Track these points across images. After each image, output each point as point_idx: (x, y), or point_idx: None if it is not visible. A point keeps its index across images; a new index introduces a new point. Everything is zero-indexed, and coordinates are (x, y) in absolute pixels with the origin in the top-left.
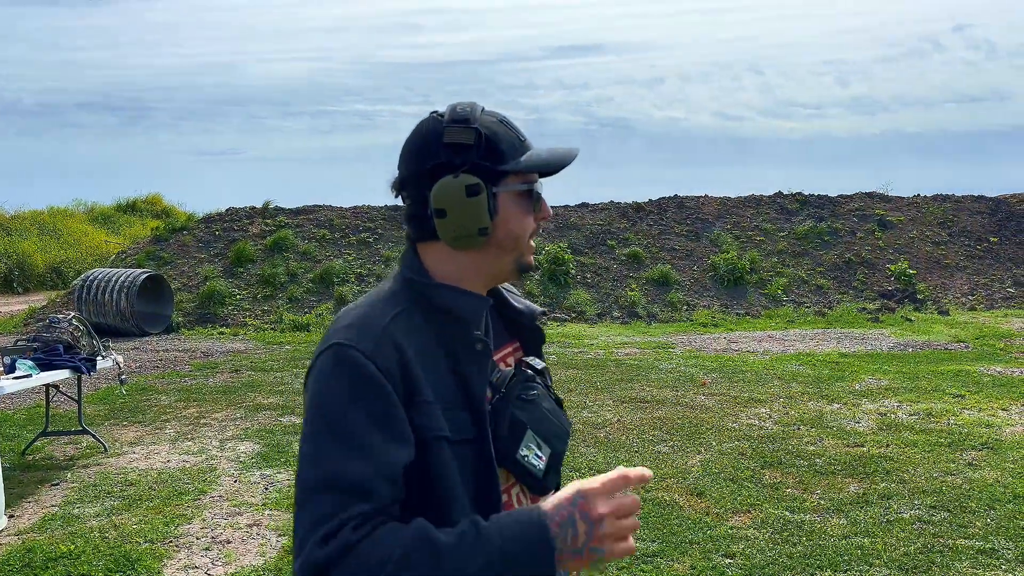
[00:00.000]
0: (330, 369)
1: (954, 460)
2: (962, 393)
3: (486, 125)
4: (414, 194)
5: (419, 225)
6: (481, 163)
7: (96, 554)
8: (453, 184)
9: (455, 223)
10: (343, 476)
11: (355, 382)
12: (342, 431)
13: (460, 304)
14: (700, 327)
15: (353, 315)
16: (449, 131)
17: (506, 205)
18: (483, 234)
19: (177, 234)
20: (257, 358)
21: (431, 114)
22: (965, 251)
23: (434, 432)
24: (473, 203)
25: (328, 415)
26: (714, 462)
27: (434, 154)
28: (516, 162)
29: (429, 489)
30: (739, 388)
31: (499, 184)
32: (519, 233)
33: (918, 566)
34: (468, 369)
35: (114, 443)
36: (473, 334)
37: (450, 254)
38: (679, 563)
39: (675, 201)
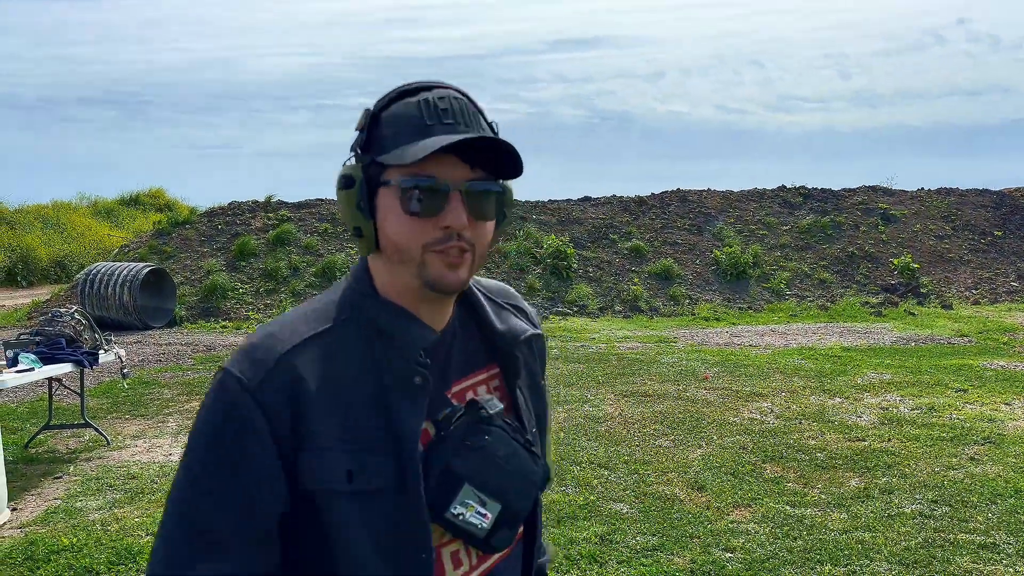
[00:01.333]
0: (209, 397)
1: (956, 455)
2: (965, 387)
3: (394, 109)
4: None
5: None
6: (363, 155)
7: (98, 547)
8: (341, 177)
9: (341, 218)
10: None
11: (223, 420)
12: (201, 472)
13: (398, 328)
14: (702, 321)
15: (261, 333)
16: (361, 120)
17: (385, 204)
18: (358, 235)
19: (180, 228)
20: None
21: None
22: (969, 245)
23: (326, 484)
24: (344, 197)
25: (193, 449)
26: (715, 456)
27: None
28: (394, 152)
29: (323, 545)
30: (741, 382)
31: (380, 178)
32: (398, 241)
33: (919, 560)
34: (399, 404)
35: (116, 436)
36: (412, 364)
37: (375, 261)
38: (679, 557)
39: (677, 195)
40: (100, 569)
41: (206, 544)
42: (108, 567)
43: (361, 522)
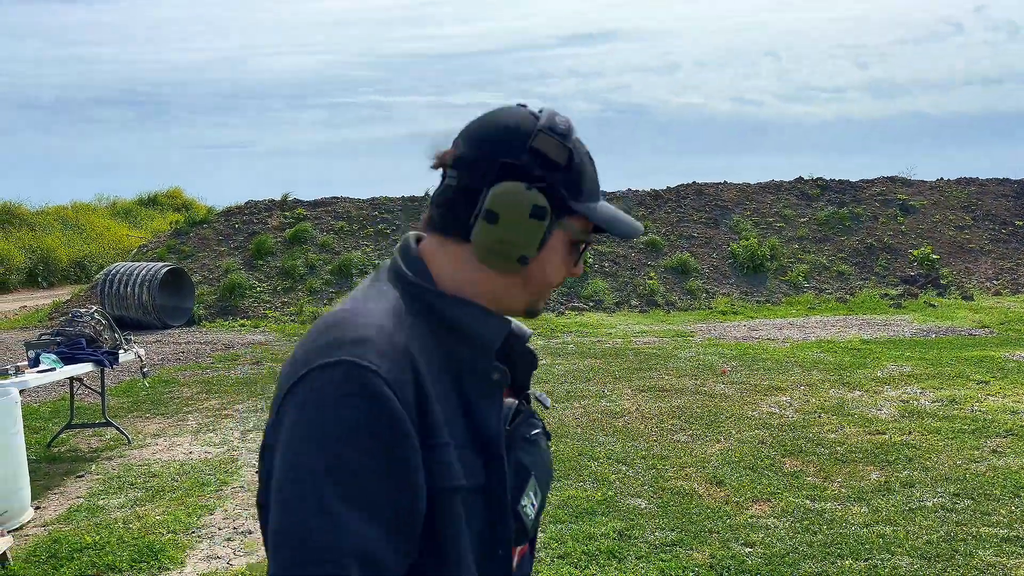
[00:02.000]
0: (338, 394)
1: (978, 447)
2: (986, 379)
3: (579, 152)
4: (469, 180)
5: (455, 215)
6: (558, 189)
7: (120, 545)
8: (522, 195)
9: (500, 236)
10: (351, 544)
11: (372, 417)
12: (354, 481)
13: (478, 326)
14: (720, 315)
15: (358, 323)
16: (541, 137)
17: (555, 245)
18: (521, 263)
19: (197, 227)
20: (278, 349)
21: (519, 106)
22: (989, 235)
23: (450, 481)
24: (531, 226)
25: (335, 457)
26: (734, 451)
27: (514, 152)
28: (590, 207)
29: (430, 544)
30: (759, 376)
31: (561, 220)
32: (551, 279)
33: (941, 554)
34: (480, 403)
35: (137, 435)
36: (490, 362)
37: (468, 262)
38: (699, 552)
39: (693, 188)
40: (123, 567)
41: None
42: (130, 564)
43: (466, 520)
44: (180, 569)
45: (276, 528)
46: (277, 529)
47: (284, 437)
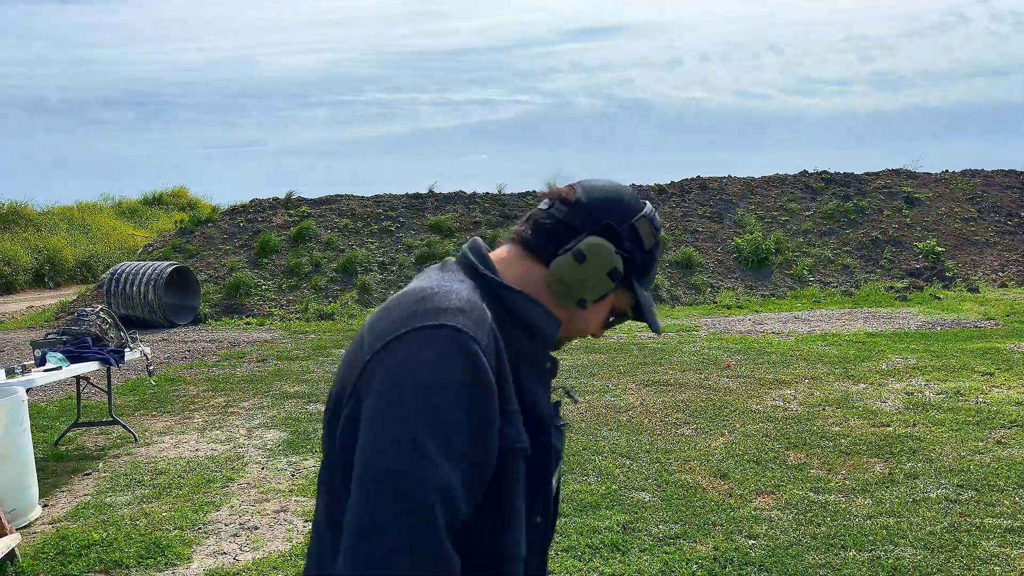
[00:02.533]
0: (440, 352)
1: (982, 439)
2: (991, 371)
3: (658, 249)
4: (576, 221)
5: (545, 241)
6: (634, 265)
7: (127, 541)
8: (611, 254)
9: (577, 276)
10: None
11: (471, 378)
12: (445, 430)
13: (539, 319)
14: (724, 309)
15: (452, 296)
16: (642, 221)
17: (604, 304)
18: (579, 305)
19: (202, 226)
20: (283, 347)
21: (632, 188)
22: (995, 227)
23: (517, 442)
24: (604, 280)
25: (432, 405)
26: (738, 444)
27: (620, 220)
28: (644, 293)
29: (496, 501)
30: (764, 370)
31: (622, 289)
32: (587, 328)
33: (944, 545)
34: (534, 386)
35: (144, 433)
36: (546, 352)
37: (536, 282)
38: (702, 544)
39: (697, 183)
40: (130, 563)
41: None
42: (137, 561)
43: (521, 479)
44: (187, 565)
45: (368, 466)
46: (369, 467)
47: (381, 384)
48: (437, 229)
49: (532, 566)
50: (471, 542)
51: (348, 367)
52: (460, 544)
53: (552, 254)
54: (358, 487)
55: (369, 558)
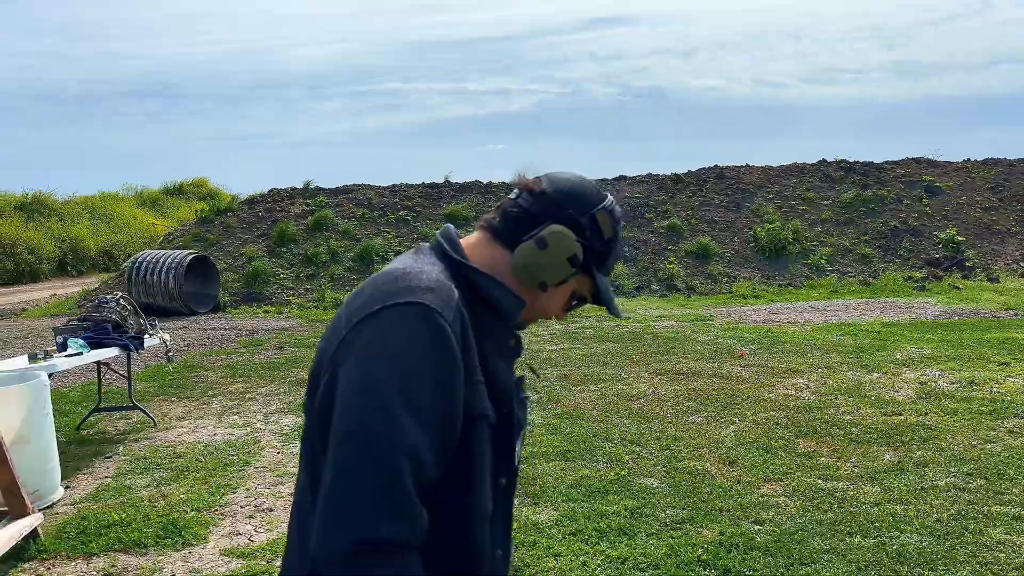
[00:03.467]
0: (410, 326)
1: (995, 428)
2: (1007, 361)
3: (619, 236)
4: (539, 211)
5: (512, 229)
6: (592, 254)
7: (146, 522)
8: (571, 241)
9: (539, 262)
10: (407, 445)
11: (438, 350)
12: (413, 397)
13: (504, 300)
14: (740, 299)
15: (423, 277)
16: (603, 213)
17: (564, 288)
18: (540, 287)
19: (222, 215)
20: (301, 335)
21: (595, 183)
22: (1016, 216)
23: (482, 410)
24: (564, 266)
25: (403, 374)
26: (748, 432)
27: (580, 210)
28: (603, 279)
29: (463, 464)
30: (777, 359)
31: (580, 275)
32: (548, 309)
33: (950, 532)
34: (498, 361)
35: (163, 418)
36: (509, 330)
37: (502, 264)
38: (708, 529)
39: (715, 172)
40: (148, 543)
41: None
42: (156, 541)
43: (487, 444)
44: (203, 545)
45: (343, 427)
46: (344, 428)
47: (357, 354)
48: (453, 219)
49: (498, 522)
50: (441, 501)
51: (327, 340)
52: (431, 502)
53: (517, 241)
54: (334, 449)
55: (342, 511)
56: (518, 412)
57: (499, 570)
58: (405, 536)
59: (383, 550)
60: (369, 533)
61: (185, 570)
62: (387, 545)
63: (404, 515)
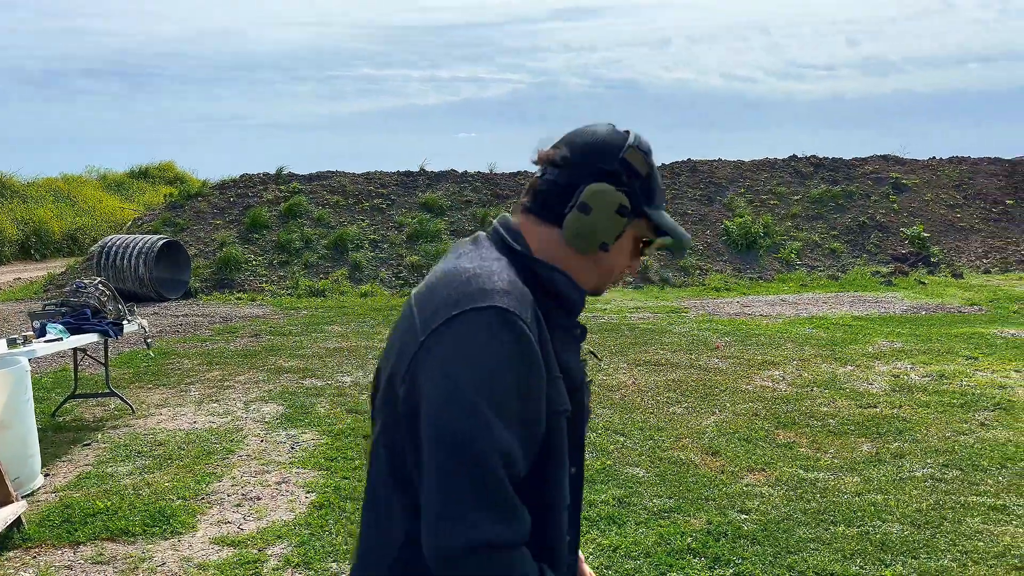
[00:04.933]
0: (491, 331)
1: (966, 420)
2: (975, 355)
3: (655, 167)
4: (568, 178)
5: (551, 203)
6: (637, 194)
7: (132, 510)
8: (612, 194)
9: (589, 225)
10: (499, 446)
11: (519, 353)
12: (501, 400)
13: (569, 292)
14: (713, 292)
15: (495, 277)
16: (631, 152)
17: (626, 239)
18: (602, 248)
19: (192, 200)
20: (276, 323)
21: (610, 125)
22: (980, 214)
23: (562, 406)
24: (615, 219)
25: (487, 379)
26: (728, 423)
27: (608, 160)
28: (658, 213)
29: (545, 457)
30: (752, 351)
31: (635, 219)
32: (619, 267)
33: (929, 522)
34: (566, 352)
35: (141, 405)
36: (575, 320)
37: (556, 242)
38: (695, 518)
39: (688, 165)
40: (136, 531)
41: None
42: (143, 529)
43: (565, 437)
44: (192, 533)
45: (436, 433)
46: (438, 434)
47: (440, 361)
48: (428, 207)
49: (571, 511)
50: (525, 496)
51: (401, 344)
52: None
53: (561, 214)
54: (431, 455)
55: (452, 513)
56: (586, 399)
57: (567, 556)
58: (513, 537)
59: (493, 550)
60: (480, 535)
61: (175, 558)
62: (497, 546)
63: (511, 516)
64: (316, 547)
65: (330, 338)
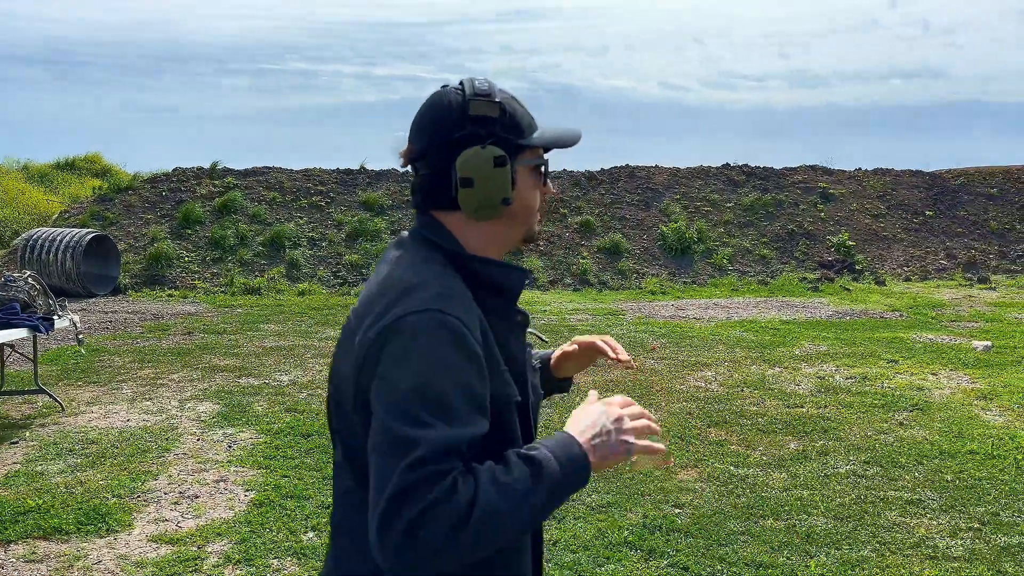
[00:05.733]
0: (429, 335)
1: (886, 420)
2: (896, 358)
3: (506, 100)
4: (435, 164)
5: (437, 194)
6: (505, 136)
7: (65, 508)
8: (481, 155)
9: (481, 193)
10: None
11: (457, 352)
12: (443, 399)
13: (507, 279)
14: (649, 295)
15: (431, 282)
16: (474, 104)
17: (523, 178)
18: (505, 204)
19: (122, 194)
20: (209, 321)
21: (445, 87)
22: (902, 224)
23: (512, 396)
24: (499, 174)
25: (429, 381)
26: (663, 421)
27: (459, 125)
28: (533, 138)
29: (500, 444)
30: (686, 353)
31: (516, 158)
32: (533, 204)
33: (852, 515)
34: (510, 339)
35: (71, 403)
36: (515, 307)
37: (470, 224)
38: (632, 513)
39: (626, 171)
40: (70, 529)
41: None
42: (77, 527)
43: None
44: (128, 531)
45: (381, 439)
46: (383, 440)
47: (382, 372)
48: (369, 206)
49: None
50: None
51: (346, 361)
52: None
53: (452, 197)
54: (376, 452)
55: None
56: (533, 380)
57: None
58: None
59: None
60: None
61: (112, 556)
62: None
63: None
64: (257, 544)
65: (267, 337)
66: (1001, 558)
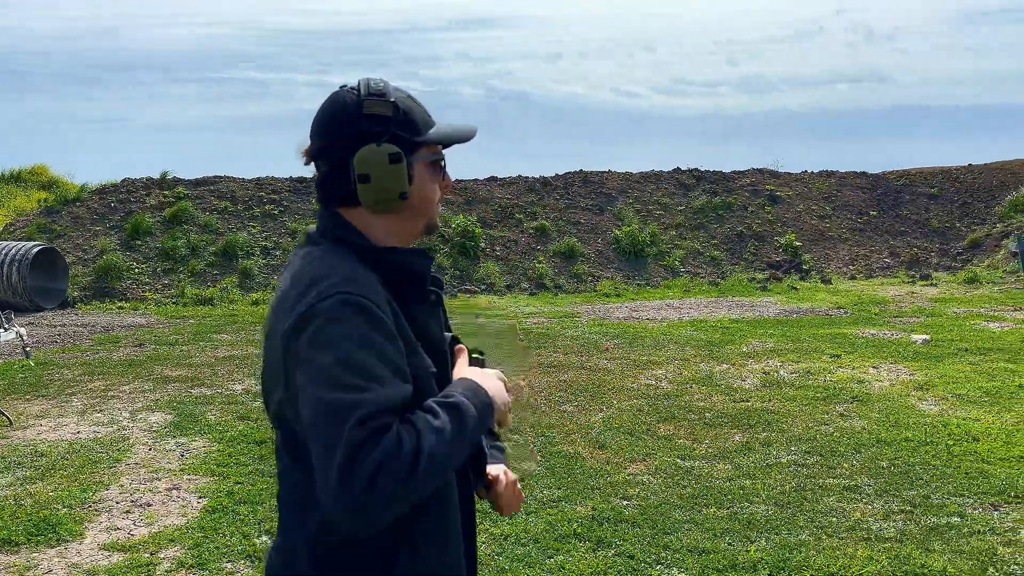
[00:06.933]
0: (340, 314)
1: (828, 412)
2: (838, 353)
3: (400, 99)
4: (333, 161)
5: (338, 190)
6: (399, 134)
7: (14, 520)
8: (377, 152)
9: (378, 188)
10: (368, 401)
11: (369, 326)
12: (365, 365)
13: (414, 263)
14: (604, 297)
15: (337, 271)
16: (368, 103)
17: (420, 173)
18: (403, 198)
19: (70, 206)
20: (161, 332)
21: (343, 87)
22: (847, 224)
23: (429, 368)
24: (395, 170)
25: (347, 354)
26: (615, 418)
27: (355, 124)
28: (429, 135)
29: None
30: (638, 352)
31: (413, 154)
32: (431, 197)
33: (791, 502)
34: (427, 319)
35: (18, 417)
36: (427, 288)
37: (373, 218)
38: (581, 506)
39: (580, 176)
40: (19, 540)
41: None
42: (27, 538)
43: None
44: (80, 540)
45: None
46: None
47: (303, 356)
48: None
49: None
50: None
51: (270, 356)
52: None
53: (353, 193)
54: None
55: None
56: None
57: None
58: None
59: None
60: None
61: (63, 565)
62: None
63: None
64: (210, 549)
65: (219, 346)
66: (930, 537)
